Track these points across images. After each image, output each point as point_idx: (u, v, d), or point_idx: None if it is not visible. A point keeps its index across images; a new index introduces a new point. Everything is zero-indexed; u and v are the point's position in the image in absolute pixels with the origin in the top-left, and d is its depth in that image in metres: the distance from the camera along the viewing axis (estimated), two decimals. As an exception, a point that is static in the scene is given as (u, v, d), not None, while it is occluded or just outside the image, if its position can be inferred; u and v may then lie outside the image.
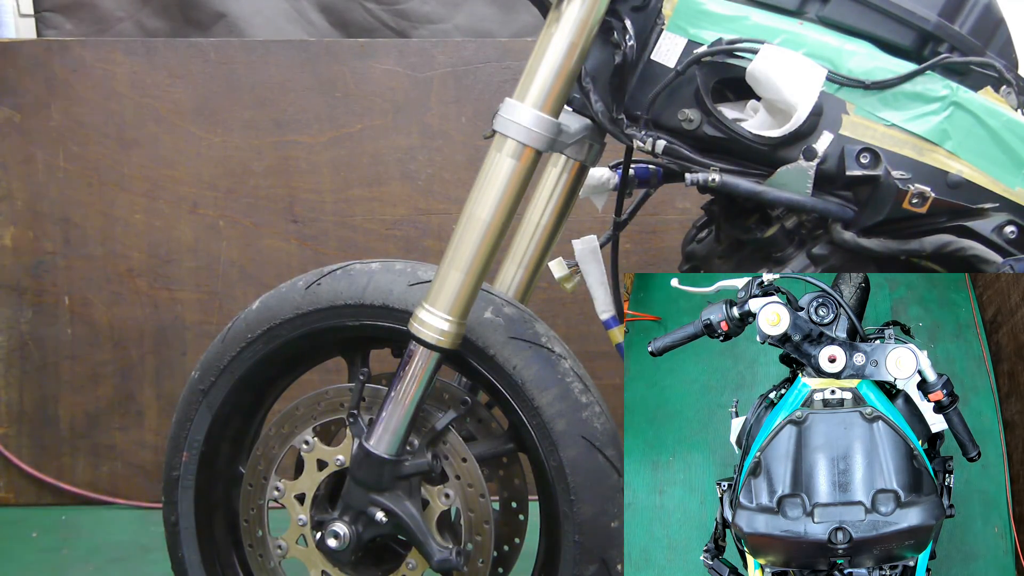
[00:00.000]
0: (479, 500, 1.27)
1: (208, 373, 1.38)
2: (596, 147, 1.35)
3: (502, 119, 1.16)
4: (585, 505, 1.23)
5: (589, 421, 1.24)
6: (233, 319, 1.39)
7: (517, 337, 1.26)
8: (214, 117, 2.35)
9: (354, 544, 1.27)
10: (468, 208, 1.18)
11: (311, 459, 1.34)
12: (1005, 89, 1.20)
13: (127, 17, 2.58)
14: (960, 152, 1.14)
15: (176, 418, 1.41)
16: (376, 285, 1.29)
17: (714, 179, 1.17)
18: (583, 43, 1.15)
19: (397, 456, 1.24)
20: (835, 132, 1.15)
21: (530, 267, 1.43)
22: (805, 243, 1.23)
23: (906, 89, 1.14)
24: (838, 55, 1.15)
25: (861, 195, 1.15)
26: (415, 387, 1.22)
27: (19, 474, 2.43)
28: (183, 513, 1.41)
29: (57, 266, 2.39)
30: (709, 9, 1.19)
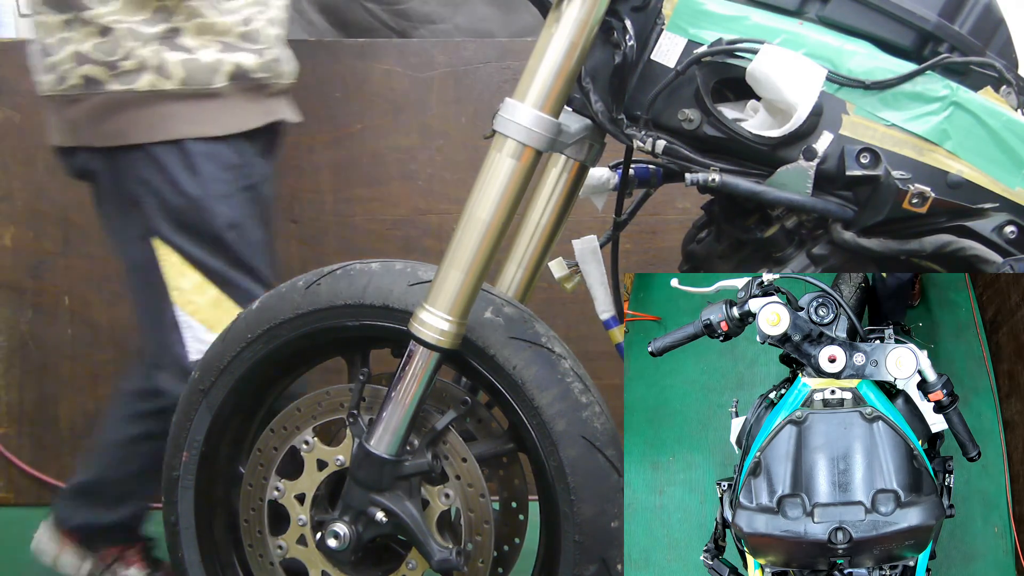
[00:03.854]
0: (479, 500, 1.27)
1: (208, 373, 1.38)
2: (596, 147, 1.35)
3: (502, 119, 1.16)
4: (585, 505, 1.23)
5: (589, 421, 1.24)
6: (233, 319, 1.39)
7: (517, 337, 1.26)
8: (214, 117, 2.34)
9: (354, 544, 1.27)
10: (468, 208, 1.18)
11: (311, 459, 1.34)
12: (1005, 89, 1.20)
13: (127, 17, 2.58)
14: (960, 152, 1.14)
15: (176, 418, 1.41)
16: (376, 285, 1.29)
17: (714, 179, 1.17)
18: (583, 43, 1.15)
19: (397, 456, 1.24)
20: (835, 132, 1.15)
21: (530, 267, 1.43)
22: (805, 243, 1.24)
23: (906, 89, 1.14)
24: (838, 55, 1.15)
25: (861, 195, 1.16)
26: (415, 387, 1.22)
27: (19, 474, 2.43)
28: (183, 513, 1.41)
29: (57, 266, 2.39)
30: (709, 9, 1.19)
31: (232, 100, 1.63)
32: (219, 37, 1.60)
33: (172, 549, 1.43)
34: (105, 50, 1.56)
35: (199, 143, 1.61)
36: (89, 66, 1.57)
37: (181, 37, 1.58)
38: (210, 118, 1.61)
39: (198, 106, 1.60)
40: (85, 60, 1.57)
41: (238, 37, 1.62)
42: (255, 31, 1.64)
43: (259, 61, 1.65)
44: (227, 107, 1.63)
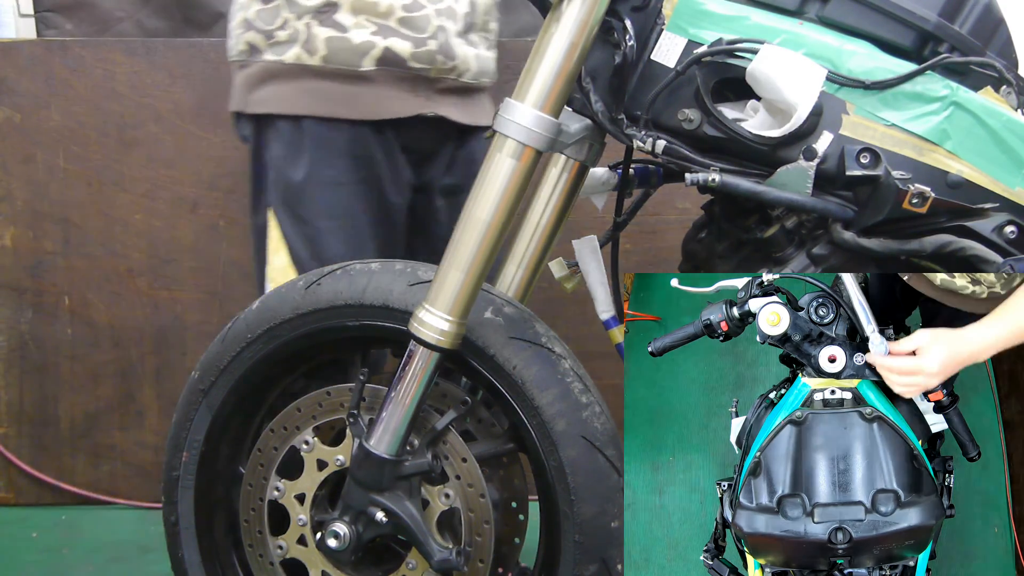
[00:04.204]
0: (479, 500, 1.27)
1: (208, 373, 1.38)
2: (596, 147, 1.35)
3: (502, 119, 1.16)
4: (585, 505, 1.23)
5: (589, 421, 1.24)
6: (233, 319, 1.39)
7: (517, 337, 1.26)
8: (214, 117, 2.34)
9: (354, 544, 1.27)
10: (468, 208, 1.18)
11: (311, 459, 1.34)
12: (1005, 89, 1.20)
13: (127, 17, 2.58)
14: (960, 152, 1.14)
15: (176, 418, 1.41)
16: (376, 285, 1.29)
17: (714, 179, 1.17)
18: (583, 43, 1.15)
19: (397, 456, 1.24)
20: (835, 132, 1.15)
21: (530, 267, 1.43)
22: (805, 243, 1.23)
23: (906, 89, 1.14)
24: (838, 55, 1.15)
25: (861, 195, 1.15)
26: (415, 387, 1.22)
27: (19, 474, 2.43)
28: (183, 513, 1.41)
29: (57, 266, 2.39)
30: (709, 9, 1.19)
31: (378, 87, 1.58)
32: (377, 19, 1.55)
33: (172, 549, 1.43)
34: (265, 18, 1.57)
35: (319, 125, 1.58)
36: (252, 33, 1.59)
37: (338, 13, 1.55)
38: (335, 100, 1.57)
39: (332, 87, 1.57)
40: (250, 27, 1.59)
41: (398, 22, 1.56)
42: (419, 18, 1.58)
43: (416, 50, 1.57)
44: (364, 93, 1.58)
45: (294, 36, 1.55)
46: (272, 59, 1.58)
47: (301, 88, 1.57)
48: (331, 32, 1.55)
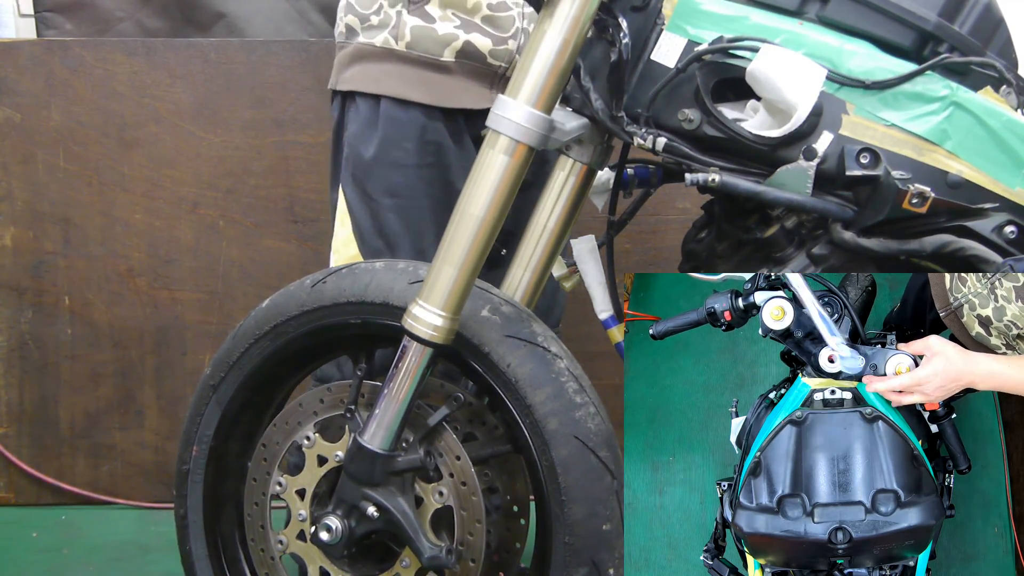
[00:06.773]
0: (472, 499, 1.27)
1: (218, 369, 1.39)
2: (601, 149, 1.34)
3: (495, 116, 1.17)
4: (576, 506, 1.21)
5: (583, 421, 1.22)
6: (245, 316, 1.40)
7: (512, 335, 1.25)
8: (214, 117, 2.35)
9: (346, 538, 1.27)
10: (461, 204, 1.18)
11: (312, 455, 1.34)
12: (1005, 89, 1.20)
13: (127, 17, 2.58)
14: (960, 152, 1.14)
15: (188, 413, 1.43)
16: (378, 283, 1.30)
17: (714, 179, 1.17)
18: (575, 40, 1.15)
19: (390, 451, 1.24)
20: (835, 132, 1.15)
21: (537, 270, 1.41)
22: (805, 243, 1.23)
23: (906, 89, 1.14)
24: (838, 55, 1.15)
25: (861, 195, 1.15)
26: (408, 382, 1.22)
27: (19, 474, 2.43)
28: (192, 507, 1.42)
29: (57, 266, 2.39)
30: (709, 9, 1.19)
31: (455, 77, 1.68)
32: (464, 14, 1.66)
33: (180, 542, 1.44)
34: (363, 3, 1.69)
35: (394, 106, 1.66)
36: (351, 16, 1.70)
37: (428, 5, 1.66)
38: (412, 84, 1.66)
39: (412, 71, 1.66)
40: (350, 10, 1.71)
41: (482, 19, 1.67)
42: (504, 18, 1.68)
43: (495, 48, 1.67)
44: (441, 81, 1.67)
45: (385, 22, 1.66)
46: (364, 41, 1.69)
47: (384, 70, 1.67)
48: (419, 21, 1.65)
